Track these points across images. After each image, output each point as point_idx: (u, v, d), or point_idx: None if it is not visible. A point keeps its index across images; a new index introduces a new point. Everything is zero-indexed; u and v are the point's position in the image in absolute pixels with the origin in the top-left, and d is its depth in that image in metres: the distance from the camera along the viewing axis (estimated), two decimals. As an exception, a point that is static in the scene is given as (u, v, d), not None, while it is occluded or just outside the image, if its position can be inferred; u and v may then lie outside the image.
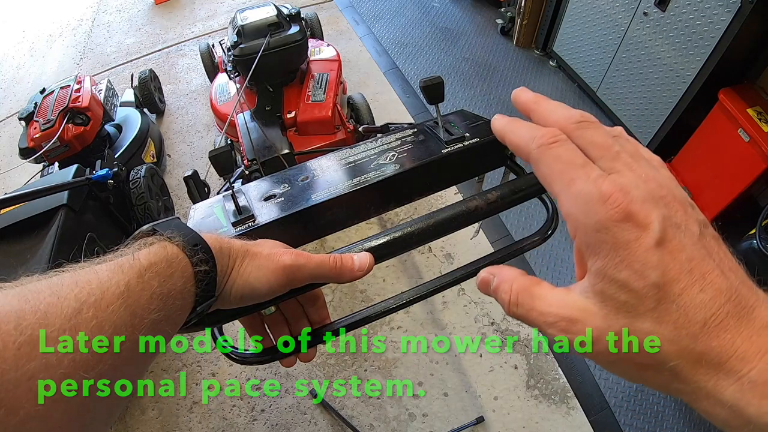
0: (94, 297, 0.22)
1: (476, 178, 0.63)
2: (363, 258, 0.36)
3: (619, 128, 0.25)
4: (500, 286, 0.26)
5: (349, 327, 0.42)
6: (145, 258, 0.26)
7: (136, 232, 0.30)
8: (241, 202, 0.50)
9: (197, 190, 0.97)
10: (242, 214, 0.48)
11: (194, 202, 0.67)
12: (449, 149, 0.54)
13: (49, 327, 0.20)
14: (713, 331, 0.19)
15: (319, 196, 0.50)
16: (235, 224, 0.47)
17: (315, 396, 1.62)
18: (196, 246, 0.29)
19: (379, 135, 0.60)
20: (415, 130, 0.60)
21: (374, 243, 0.36)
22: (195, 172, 0.96)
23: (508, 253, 0.48)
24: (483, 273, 0.27)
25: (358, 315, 0.43)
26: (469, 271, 0.46)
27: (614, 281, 0.20)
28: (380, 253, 0.36)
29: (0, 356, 0.18)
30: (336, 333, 0.42)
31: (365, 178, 0.51)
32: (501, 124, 0.27)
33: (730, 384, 0.18)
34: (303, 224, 0.49)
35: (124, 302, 0.23)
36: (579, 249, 0.24)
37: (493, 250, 1.95)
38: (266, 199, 0.51)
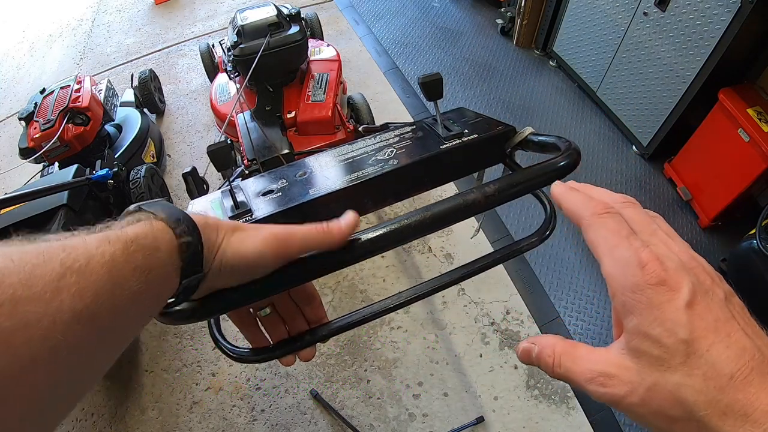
0: (78, 263, 0.23)
1: (475, 174, 0.63)
2: (348, 216, 0.37)
3: (657, 214, 0.30)
4: (542, 351, 0.28)
5: (348, 326, 0.42)
6: (132, 231, 0.27)
7: (124, 211, 0.31)
8: (239, 197, 0.50)
9: (196, 186, 0.97)
10: (239, 209, 0.48)
11: (192, 199, 0.67)
12: (447, 145, 0.54)
13: (32, 288, 0.20)
14: (739, 385, 0.20)
15: (316, 191, 0.50)
16: (232, 218, 0.47)
17: (315, 396, 1.62)
18: (179, 219, 0.30)
19: (377, 132, 0.60)
20: (414, 126, 0.60)
21: (371, 235, 0.36)
22: (194, 169, 0.96)
23: (506, 253, 0.48)
24: (524, 344, 0.30)
25: (357, 314, 0.43)
26: (467, 271, 0.46)
27: (648, 337, 0.23)
28: (377, 246, 0.36)
29: None
30: (335, 332, 0.42)
31: (363, 173, 0.51)
32: (559, 191, 0.31)
33: None
34: (300, 219, 0.49)
35: (108, 272, 0.24)
36: (616, 309, 0.26)
37: (492, 250, 1.95)
38: (264, 195, 0.51)
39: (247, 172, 1.39)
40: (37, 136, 1.82)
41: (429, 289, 0.44)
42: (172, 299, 0.32)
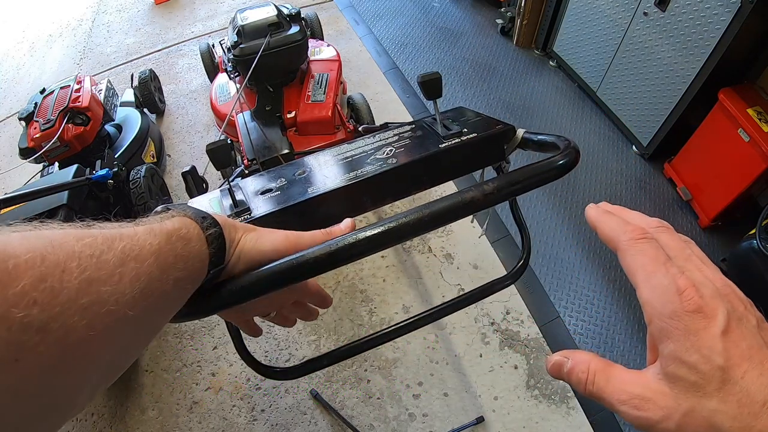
0: (135, 252, 0.26)
1: (475, 173, 0.63)
2: (347, 223, 0.42)
3: (689, 239, 0.30)
4: (576, 367, 0.28)
5: (350, 353, 0.46)
6: (170, 224, 0.31)
7: (153, 211, 0.35)
8: (238, 196, 0.50)
9: (195, 185, 0.97)
10: (238, 207, 0.48)
11: (191, 197, 0.67)
12: (447, 144, 0.54)
13: (101, 270, 0.24)
14: None
15: (315, 189, 0.50)
16: (230, 217, 0.47)
17: (315, 396, 1.62)
18: (204, 217, 0.34)
19: (377, 132, 0.60)
20: (413, 126, 0.60)
21: (369, 233, 0.36)
22: (193, 168, 0.96)
23: (479, 292, 0.52)
24: (556, 356, 0.30)
25: (356, 344, 0.47)
26: (437, 310, 0.51)
27: (684, 363, 0.23)
28: (375, 243, 0.36)
29: (64, 287, 0.21)
30: (336, 360, 0.47)
31: (362, 172, 0.51)
32: (594, 214, 0.31)
33: None
34: (298, 217, 0.49)
35: (156, 260, 0.28)
36: (652, 334, 0.26)
37: (493, 251, 1.95)
38: (262, 193, 0.51)
39: (246, 171, 1.39)
40: (37, 136, 1.82)
41: (415, 322, 0.49)
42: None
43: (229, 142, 0.93)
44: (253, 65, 1.55)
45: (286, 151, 1.51)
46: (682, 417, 0.23)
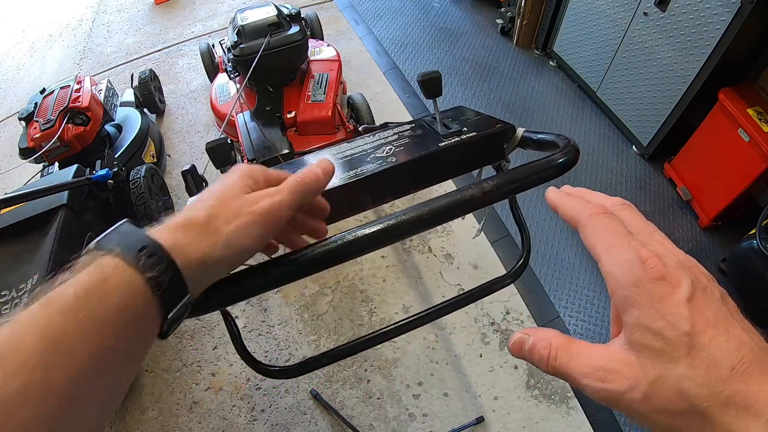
0: (13, 352, 0.21)
1: (474, 172, 0.64)
2: (324, 164, 0.38)
3: (651, 223, 0.30)
4: (538, 344, 0.27)
5: (350, 352, 0.46)
6: (73, 285, 0.24)
7: (82, 251, 0.27)
8: None
9: (195, 184, 0.97)
10: None
11: (191, 196, 0.67)
12: (446, 143, 0.54)
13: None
14: (740, 377, 0.21)
15: None
16: None
17: (315, 396, 1.62)
18: (141, 249, 0.27)
19: (376, 131, 0.60)
20: (413, 124, 0.60)
21: (368, 231, 0.36)
22: (193, 167, 0.96)
23: (479, 291, 0.51)
24: (517, 335, 0.29)
25: (356, 343, 0.47)
26: (437, 309, 0.51)
27: (650, 330, 0.23)
28: (375, 241, 0.36)
29: None
30: (335, 358, 0.47)
31: (362, 170, 0.51)
32: (554, 196, 0.31)
33: (759, 426, 0.20)
34: None
35: (48, 343, 0.22)
36: (616, 305, 0.26)
37: (493, 251, 1.95)
38: None
39: (247, 171, 1.39)
40: (37, 136, 1.82)
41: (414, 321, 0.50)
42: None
43: (228, 141, 0.93)
44: (253, 65, 1.55)
45: (286, 151, 1.51)
46: (649, 386, 0.22)
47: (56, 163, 1.94)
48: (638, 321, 0.23)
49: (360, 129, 1.76)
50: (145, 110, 2.53)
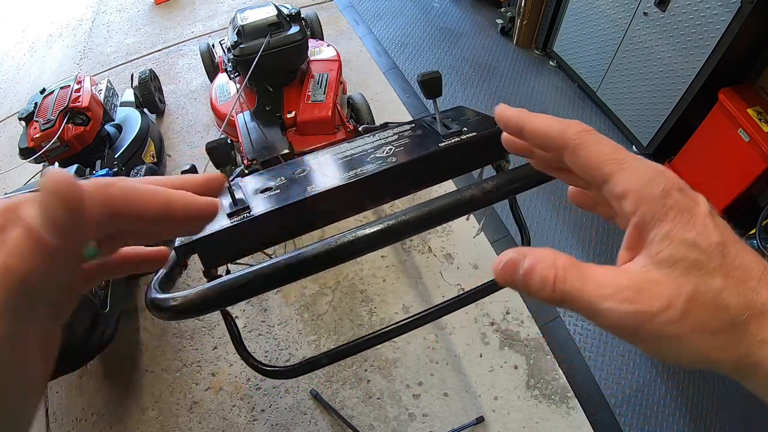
0: None
1: (475, 172, 0.63)
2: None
3: None
4: (538, 264, 0.22)
5: (350, 352, 0.45)
6: None
7: None
8: (238, 195, 0.50)
9: None
10: (238, 206, 0.48)
11: None
12: (446, 143, 0.54)
13: None
14: (766, 287, 0.21)
15: (313, 188, 0.50)
16: (230, 215, 0.48)
17: (315, 396, 1.62)
18: None
19: (376, 131, 0.60)
20: (413, 125, 0.60)
21: (368, 231, 0.36)
22: (193, 166, 0.96)
23: (479, 291, 0.51)
24: (509, 253, 0.23)
25: (356, 343, 0.47)
26: (437, 310, 0.51)
27: (684, 241, 0.21)
28: (375, 241, 0.36)
29: None
30: (336, 358, 0.45)
31: (362, 170, 0.51)
32: (514, 112, 0.26)
33: None
34: (297, 216, 0.49)
35: None
36: (638, 224, 0.23)
37: (493, 251, 1.95)
38: (262, 192, 0.51)
39: (246, 171, 1.39)
40: (37, 136, 1.82)
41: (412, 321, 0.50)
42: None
43: (228, 141, 0.93)
44: (253, 65, 1.55)
45: (286, 151, 1.51)
46: (686, 302, 0.20)
47: (56, 163, 1.94)
48: (669, 233, 0.21)
49: (360, 129, 1.76)
50: (145, 110, 2.53)
